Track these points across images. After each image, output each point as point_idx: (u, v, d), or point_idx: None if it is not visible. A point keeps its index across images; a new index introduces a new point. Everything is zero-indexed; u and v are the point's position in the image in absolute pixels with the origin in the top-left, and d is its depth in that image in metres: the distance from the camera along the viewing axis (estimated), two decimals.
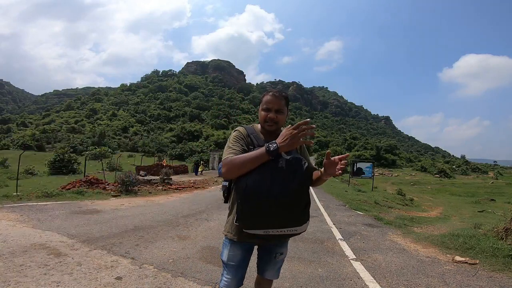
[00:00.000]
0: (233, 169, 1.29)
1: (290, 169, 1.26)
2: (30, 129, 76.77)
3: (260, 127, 1.51)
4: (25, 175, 17.28)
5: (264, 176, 1.24)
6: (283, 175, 1.25)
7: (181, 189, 11.79)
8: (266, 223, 1.26)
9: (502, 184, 39.56)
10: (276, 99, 1.43)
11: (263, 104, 1.46)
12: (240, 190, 1.27)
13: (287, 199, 1.23)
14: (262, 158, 1.26)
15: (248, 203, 1.24)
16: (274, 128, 1.44)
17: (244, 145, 1.40)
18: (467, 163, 77.06)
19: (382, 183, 32.38)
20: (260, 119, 1.48)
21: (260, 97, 1.52)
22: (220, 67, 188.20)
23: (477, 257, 3.61)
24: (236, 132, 1.46)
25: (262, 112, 1.45)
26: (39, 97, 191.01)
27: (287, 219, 1.26)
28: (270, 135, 1.46)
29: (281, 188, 1.23)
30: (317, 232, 5.08)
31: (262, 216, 1.24)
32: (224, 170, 1.31)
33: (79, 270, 2.74)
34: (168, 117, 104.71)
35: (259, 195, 1.22)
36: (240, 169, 1.27)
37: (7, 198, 6.67)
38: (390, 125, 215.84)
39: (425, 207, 17.91)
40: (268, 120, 1.43)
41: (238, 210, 1.29)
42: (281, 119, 1.44)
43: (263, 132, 1.49)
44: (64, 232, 4.04)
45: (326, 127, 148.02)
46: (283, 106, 1.45)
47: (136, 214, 5.81)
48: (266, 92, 1.49)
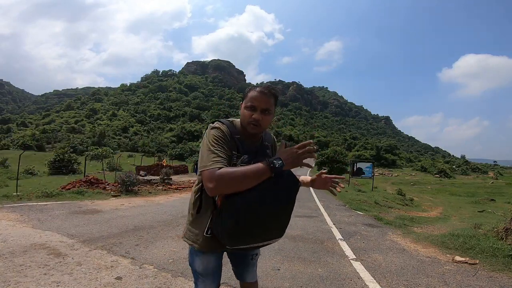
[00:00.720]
0: (229, 186, 1.05)
1: (287, 187, 1.12)
2: (30, 129, 76.85)
3: (240, 126, 1.25)
4: (25, 175, 17.28)
5: (264, 194, 1.07)
6: (280, 193, 1.11)
7: (181, 189, 11.78)
8: (253, 239, 1.14)
9: (502, 184, 39.54)
10: (264, 96, 1.19)
11: (247, 101, 1.20)
12: (236, 209, 1.07)
13: (280, 217, 1.14)
14: (265, 175, 1.06)
15: (245, 224, 1.07)
16: (257, 130, 1.20)
17: (228, 149, 1.16)
18: (467, 163, 77.08)
19: (382, 183, 32.38)
20: (242, 118, 1.22)
21: (245, 92, 1.26)
22: (220, 67, 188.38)
23: (477, 257, 3.61)
24: (217, 131, 1.17)
25: (246, 111, 1.19)
26: (39, 97, 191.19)
27: (273, 233, 1.17)
28: (251, 138, 1.25)
29: (276, 207, 1.11)
30: (317, 232, 5.08)
31: (253, 234, 1.11)
32: (213, 185, 1.05)
33: (79, 270, 2.74)
34: (168, 117, 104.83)
35: (257, 215, 1.07)
36: (239, 187, 1.05)
37: (7, 198, 6.67)
38: (390, 125, 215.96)
39: (425, 207, 17.92)
40: (251, 121, 1.18)
41: (228, 229, 1.10)
42: (267, 121, 1.21)
43: (243, 132, 1.24)
44: (64, 232, 4.04)
45: (326, 127, 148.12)
46: (271, 105, 1.20)
47: (136, 214, 5.81)
48: (252, 87, 1.24)
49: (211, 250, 1.26)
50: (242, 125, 1.24)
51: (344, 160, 39.29)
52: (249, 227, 1.08)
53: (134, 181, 9.53)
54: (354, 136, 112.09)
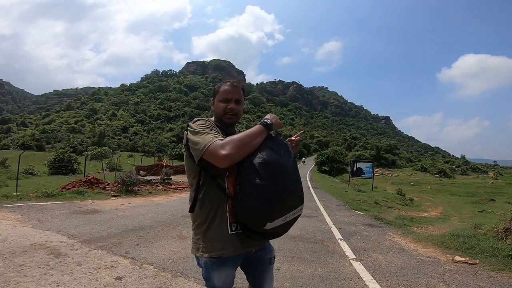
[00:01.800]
0: (239, 148, 1.07)
1: (285, 143, 1.27)
2: (30, 129, 76.81)
3: (215, 120, 1.32)
4: (25, 175, 17.27)
5: (274, 151, 1.15)
6: (284, 148, 1.22)
7: (181, 189, 11.78)
8: (287, 206, 1.16)
9: (502, 184, 39.57)
10: (236, 88, 1.31)
11: (220, 95, 1.30)
12: (256, 170, 1.08)
13: (296, 173, 1.20)
14: (264, 132, 1.16)
15: (269, 181, 1.07)
16: (234, 120, 1.31)
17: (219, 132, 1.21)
18: (467, 163, 77.18)
19: (382, 183, 32.40)
20: (217, 111, 1.31)
21: (215, 88, 1.37)
22: (220, 67, 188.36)
23: (477, 257, 3.61)
24: (203, 121, 1.22)
25: (221, 103, 1.29)
26: (39, 97, 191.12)
27: (298, 197, 1.23)
28: (226, 129, 1.30)
29: (288, 161, 1.18)
30: (317, 232, 5.08)
31: (283, 197, 1.12)
32: (226, 152, 1.05)
33: (79, 270, 2.74)
34: (168, 117, 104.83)
35: (276, 170, 1.11)
36: (248, 147, 1.10)
37: (7, 198, 6.67)
38: (390, 125, 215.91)
39: (425, 207, 17.93)
40: (228, 111, 1.28)
41: (258, 200, 1.07)
42: (240, 110, 1.32)
43: (219, 126, 1.30)
44: (64, 232, 4.04)
45: (326, 127, 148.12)
46: (241, 96, 1.33)
47: (136, 214, 5.81)
48: (222, 82, 1.35)
49: (241, 251, 1.24)
50: (218, 118, 1.32)
51: (344, 160, 39.30)
52: (276, 186, 1.08)
53: (134, 181, 9.53)
54: (354, 136, 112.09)
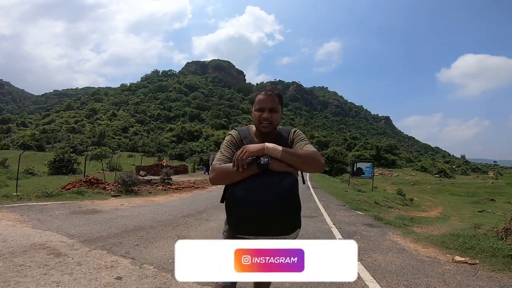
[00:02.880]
0: (220, 177, 1.24)
1: (277, 175, 1.20)
2: (30, 129, 76.86)
3: (255, 129, 1.43)
4: (25, 175, 17.28)
5: (251, 184, 1.18)
6: (271, 182, 1.18)
7: (181, 189, 11.79)
8: (255, 230, 1.19)
9: (502, 184, 39.61)
10: (269, 97, 1.35)
11: (256, 104, 1.37)
12: (227, 199, 1.23)
13: (274, 207, 1.16)
14: (252, 170, 1.20)
15: (236, 212, 1.21)
16: (270, 129, 1.35)
17: (235, 151, 1.32)
18: (467, 163, 77.23)
19: (382, 183, 32.42)
20: (254, 120, 1.39)
21: (252, 97, 1.43)
22: (220, 67, 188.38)
23: (477, 257, 3.61)
24: (229, 137, 1.41)
25: (256, 112, 1.36)
26: (39, 97, 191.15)
27: (275, 228, 1.19)
28: (265, 137, 1.36)
29: (268, 195, 1.16)
30: (317, 232, 5.08)
31: (251, 224, 1.18)
32: (212, 176, 1.27)
33: (79, 270, 2.74)
34: (168, 117, 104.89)
35: (246, 204, 1.17)
36: (226, 178, 1.23)
37: (7, 198, 6.67)
38: (390, 125, 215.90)
39: (425, 207, 17.94)
40: (262, 120, 1.34)
41: (227, 217, 1.28)
42: (275, 118, 1.36)
43: (258, 134, 1.41)
44: (64, 232, 4.04)
45: (326, 127, 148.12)
46: (277, 104, 1.36)
47: (136, 214, 5.81)
48: (258, 91, 1.41)
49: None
50: (256, 127, 1.41)
51: (344, 160, 39.37)
52: (240, 215, 1.19)
53: (134, 181, 9.53)
54: (354, 136, 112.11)
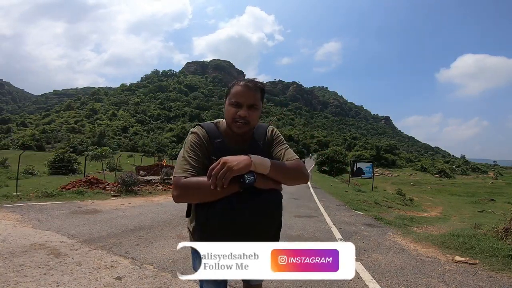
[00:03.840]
0: (188, 196, 1.03)
1: (264, 192, 1.03)
2: (30, 129, 76.87)
3: (226, 126, 1.14)
4: (25, 175, 17.26)
5: (232, 205, 0.99)
6: (258, 201, 1.02)
7: None
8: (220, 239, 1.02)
9: (502, 184, 39.60)
10: (250, 91, 1.07)
11: (231, 97, 1.09)
12: (201, 223, 1.05)
13: (260, 227, 1.03)
14: (232, 189, 0.98)
15: (214, 235, 1.01)
16: (245, 129, 1.09)
17: (203, 156, 1.09)
18: (467, 163, 77.25)
19: (382, 183, 32.41)
20: (227, 116, 1.11)
21: (228, 87, 1.15)
22: (220, 67, 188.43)
23: (477, 257, 3.61)
24: (194, 137, 1.11)
25: (230, 107, 1.08)
26: (39, 97, 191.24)
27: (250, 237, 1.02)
28: (237, 139, 1.14)
29: (255, 217, 1.01)
30: (317, 232, 5.08)
31: (219, 238, 1.01)
32: (177, 193, 1.02)
33: (79, 270, 2.74)
34: (168, 117, 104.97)
35: (228, 228, 1.00)
36: (197, 196, 1.02)
37: (7, 198, 6.66)
38: (390, 125, 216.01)
39: (425, 207, 17.94)
40: (237, 118, 1.07)
41: (201, 235, 1.07)
42: (254, 117, 1.09)
43: (228, 133, 1.14)
44: (64, 232, 4.04)
45: (326, 127, 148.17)
46: (258, 100, 1.10)
47: (136, 214, 5.81)
48: (236, 81, 1.12)
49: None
50: (227, 125, 1.13)
51: (344, 160, 39.30)
52: (220, 239, 0.99)
53: (134, 181, 9.53)
54: (354, 136, 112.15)
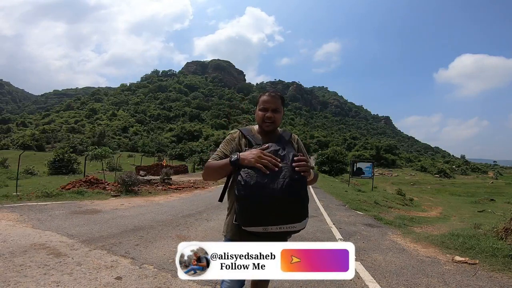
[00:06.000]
0: (206, 174, 1.42)
1: (289, 177, 1.25)
2: (30, 129, 76.83)
3: (258, 128, 1.53)
4: (25, 175, 17.27)
5: (260, 171, 1.24)
6: (279, 170, 1.24)
7: (181, 189, 11.78)
8: (265, 219, 1.22)
9: (502, 184, 39.63)
10: (273, 98, 1.46)
11: (260, 104, 1.48)
12: (237, 186, 1.26)
13: (285, 194, 1.21)
14: (227, 167, 1.33)
15: (246, 199, 1.22)
16: (272, 127, 1.46)
17: (231, 149, 1.45)
18: (466, 163, 77.28)
19: (382, 183, 32.41)
20: (257, 119, 1.50)
21: (257, 98, 1.55)
22: (220, 67, 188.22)
23: (477, 257, 3.61)
24: (229, 135, 1.52)
25: (260, 112, 1.48)
26: (39, 97, 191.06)
27: (286, 215, 1.23)
28: (267, 135, 1.48)
29: (278, 183, 1.22)
30: (317, 232, 5.08)
31: (261, 212, 1.21)
32: (203, 172, 1.45)
33: (79, 270, 2.74)
34: (168, 117, 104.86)
35: (256, 190, 1.21)
36: (211, 175, 1.41)
37: (7, 198, 6.67)
38: (390, 125, 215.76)
39: (425, 207, 17.92)
40: (265, 119, 1.45)
41: (236, 206, 1.28)
42: (277, 118, 1.46)
43: (261, 132, 1.51)
44: (64, 232, 4.04)
45: (326, 127, 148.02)
46: (279, 105, 1.47)
47: (136, 214, 5.81)
48: (262, 92, 1.53)
49: (241, 239, 1.33)
50: (259, 126, 1.52)
51: (344, 160, 39.34)
52: (252, 202, 1.21)
53: (134, 181, 9.53)
54: (354, 136, 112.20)
